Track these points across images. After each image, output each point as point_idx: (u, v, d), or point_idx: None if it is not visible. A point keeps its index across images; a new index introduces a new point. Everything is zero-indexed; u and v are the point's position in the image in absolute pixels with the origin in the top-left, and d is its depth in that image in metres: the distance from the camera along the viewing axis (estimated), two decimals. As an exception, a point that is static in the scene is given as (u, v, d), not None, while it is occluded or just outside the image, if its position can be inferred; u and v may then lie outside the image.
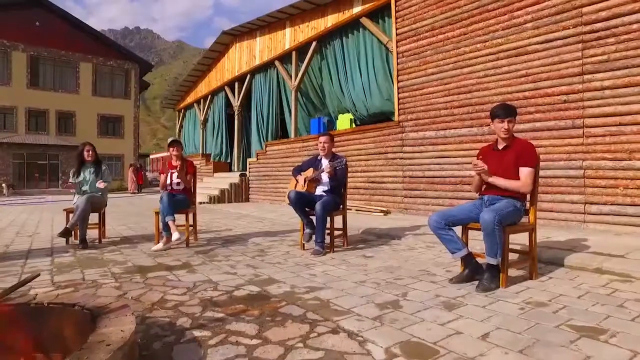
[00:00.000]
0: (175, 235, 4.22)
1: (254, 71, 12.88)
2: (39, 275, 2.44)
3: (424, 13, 6.90)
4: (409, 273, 3.26)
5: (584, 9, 4.91)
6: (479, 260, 2.98)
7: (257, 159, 11.99)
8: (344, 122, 9.61)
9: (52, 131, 26.39)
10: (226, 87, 14.78)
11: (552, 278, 3.02)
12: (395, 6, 7.40)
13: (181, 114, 20.13)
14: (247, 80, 13.31)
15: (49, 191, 23.81)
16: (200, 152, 16.98)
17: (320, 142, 4.38)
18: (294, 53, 10.78)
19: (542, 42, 5.32)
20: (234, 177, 12.97)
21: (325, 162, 4.42)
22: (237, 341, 1.92)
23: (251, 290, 2.83)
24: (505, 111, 2.98)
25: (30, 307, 1.97)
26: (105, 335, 1.56)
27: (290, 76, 10.98)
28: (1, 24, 24.55)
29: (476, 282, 2.80)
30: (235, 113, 14.16)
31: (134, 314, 1.81)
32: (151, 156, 60.37)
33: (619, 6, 4.58)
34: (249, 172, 12.45)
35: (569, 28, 5.05)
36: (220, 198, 12.12)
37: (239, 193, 12.44)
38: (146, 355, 1.80)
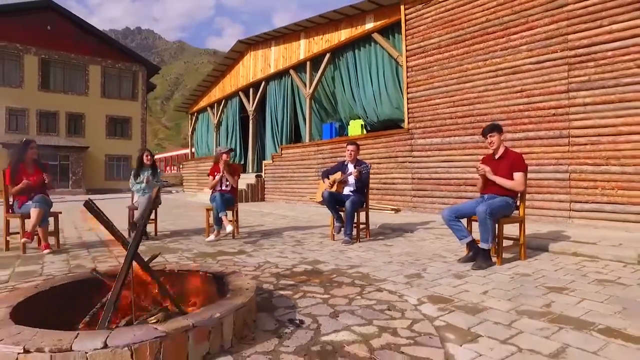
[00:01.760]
0: (229, 228, 5.08)
1: (269, 78, 13.73)
2: (160, 253, 3.30)
3: (432, 32, 7.75)
4: (425, 256, 4.12)
5: (569, 36, 5.76)
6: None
7: (273, 161, 12.84)
8: (355, 127, 10.46)
9: (62, 132, 27.13)
10: (240, 93, 15.64)
11: (538, 259, 3.88)
12: (405, 25, 8.25)
13: (194, 117, 20.99)
14: (261, 87, 14.16)
15: (60, 191, 24.49)
16: (215, 154, 17.82)
17: (348, 150, 5.24)
18: (308, 63, 11.64)
19: (534, 63, 6.17)
20: (249, 178, 13.80)
21: (351, 167, 5.27)
22: (313, 296, 2.77)
23: (305, 267, 3.69)
24: (485, 130, 3.93)
25: (166, 272, 2.83)
26: (239, 285, 2.42)
27: (305, 84, 11.83)
28: (14, 28, 25.35)
29: (478, 261, 3.65)
30: (250, 117, 15.02)
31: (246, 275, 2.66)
32: (156, 156, 61.31)
33: (597, 36, 5.44)
34: (265, 173, 13.30)
35: (557, 52, 5.91)
36: (238, 197, 12.94)
37: (255, 193, 13.29)
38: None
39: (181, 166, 25.65)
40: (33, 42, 26.27)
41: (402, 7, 8.32)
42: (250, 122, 15.09)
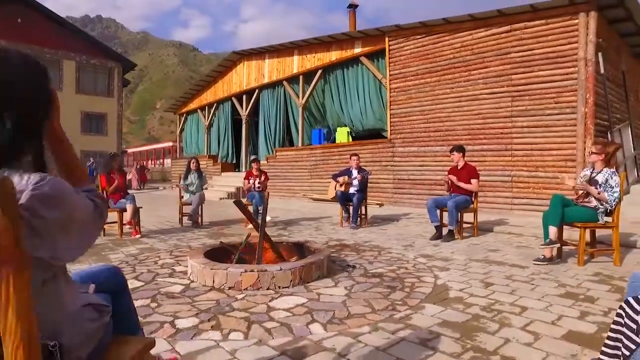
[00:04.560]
0: (268, 218, 6.82)
1: (262, 87, 15.35)
2: (250, 234, 5.03)
3: (410, 62, 9.71)
4: (411, 235, 6.05)
5: (512, 76, 7.85)
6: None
7: (268, 162, 14.52)
8: (342, 134, 12.33)
9: (35, 128, 27.10)
10: (233, 98, 17.15)
11: (485, 236, 5.89)
12: (389, 54, 10.17)
13: (182, 118, 22.22)
14: (255, 94, 15.75)
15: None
16: (206, 153, 19.25)
17: (354, 160, 7.10)
18: (301, 77, 13.37)
19: (488, 93, 8.24)
20: (243, 176, 15.37)
21: (355, 172, 7.13)
22: (352, 255, 4.61)
23: (335, 242, 5.53)
24: (453, 148, 5.86)
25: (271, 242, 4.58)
26: (318, 247, 4.22)
27: (298, 95, 13.56)
28: (-19, 21, 25.02)
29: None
30: (243, 122, 16.59)
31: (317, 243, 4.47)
32: (128, 150, 60.13)
33: (530, 78, 7.55)
34: (260, 172, 14.91)
35: (504, 87, 7.98)
36: (236, 194, 14.56)
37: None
38: (320, 259, 4.46)
39: (171, 163, 26.54)
40: (2, 36, 25.93)
41: (386, 39, 10.23)
42: (244, 126, 16.66)
